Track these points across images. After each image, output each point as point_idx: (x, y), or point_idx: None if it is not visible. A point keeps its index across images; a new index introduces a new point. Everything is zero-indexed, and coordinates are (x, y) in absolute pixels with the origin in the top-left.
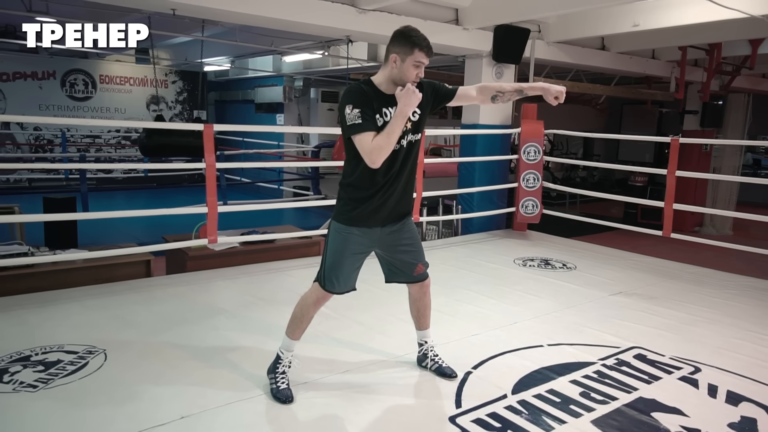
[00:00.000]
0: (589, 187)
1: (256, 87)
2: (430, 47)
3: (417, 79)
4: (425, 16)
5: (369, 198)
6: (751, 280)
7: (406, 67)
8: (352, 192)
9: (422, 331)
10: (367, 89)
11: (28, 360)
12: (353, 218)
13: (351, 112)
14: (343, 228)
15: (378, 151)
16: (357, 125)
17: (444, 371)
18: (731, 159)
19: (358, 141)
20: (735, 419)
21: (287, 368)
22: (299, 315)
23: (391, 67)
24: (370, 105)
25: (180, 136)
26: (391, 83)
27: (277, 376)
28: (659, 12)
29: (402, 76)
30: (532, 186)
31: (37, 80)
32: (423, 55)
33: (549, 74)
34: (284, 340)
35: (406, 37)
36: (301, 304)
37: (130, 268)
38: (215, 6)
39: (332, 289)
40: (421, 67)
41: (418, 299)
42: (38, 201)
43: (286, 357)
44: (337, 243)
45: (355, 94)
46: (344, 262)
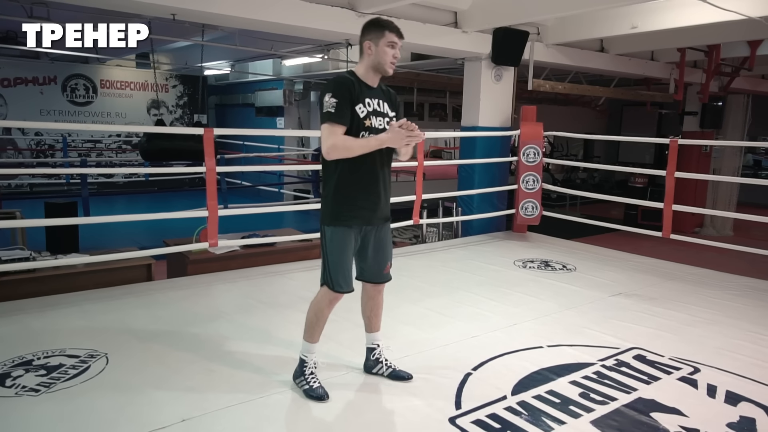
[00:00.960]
0: (589, 188)
1: (257, 91)
2: (399, 29)
3: (395, 60)
4: (424, 20)
5: (356, 194)
6: (752, 281)
7: (381, 50)
8: (339, 189)
9: (373, 334)
10: (353, 79)
11: (30, 364)
12: (345, 219)
13: (328, 101)
14: (338, 230)
15: (340, 151)
16: (330, 114)
17: (400, 374)
18: (731, 160)
19: (326, 129)
20: (734, 419)
21: (314, 368)
22: (314, 319)
23: (368, 55)
24: (350, 97)
25: (180, 140)
26: (371, 71)
27: (308, 377)
28: (658, 14)
29: (380, 60)
30: (532, 188)
31: (38, 85)
32: (394, 35)
33: (548, 76)
34: (304, 344)
35: (375, 23)
36: (314, 309)
37: (131, 272)
38: (215, 11)
39: (342, 289)
40: (396, 48)
41: (374, 297)
42: (40, 206)
43: (310, 359)
44: (336, 246)
45: (338, 84)
46: (347, 261)
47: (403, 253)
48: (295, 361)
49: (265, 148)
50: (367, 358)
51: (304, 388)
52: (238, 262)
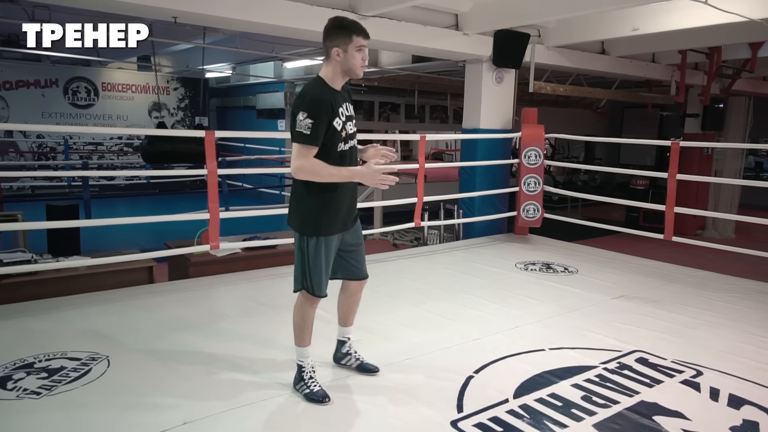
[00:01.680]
0: (591, 190)
1: (258, 93)
2: (365, 30)
3: (364, 63)
4: (425, 22)
5: (331, 200)
6: (754, 284)
7: (350, 55)
8: (315, 196)
9: (347, 328)
10: (326, 94)
11: (32, 367)
12: (324, 228)
13: (303, 120)
14: (322, 240)
15: (308, 175)
16: (303, 135)
17: (366, 367)
18: (733, 162)
19: (299, 150)
20: (737, 423)
21: (313, 373)
22: (300, 323)
23: (336, 61)
24: (327, 117)
25: (182, 142)
26: (340, 76)
27: (307, 382)
28: (659, 16)
29: (350, 65)
30: (534, 190)
31: (39, 88)
32: (362, 38)
33: (549, 78)
34: (297, 350)
35: (340, 27)
36: (298, 313)
37: (132, 274)
38: (216, 13)
39: (323, 294)
40: (364, 51)
41: (354, 294)
42: (41, 208)
43: (306, 364)
44: (321, 255)
45: (315, 103)
46: (328, 267)
47: (405, 255)
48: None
49: (266, 151)
50: (337, 350)
51: (304, 393)
52: (239, 264)
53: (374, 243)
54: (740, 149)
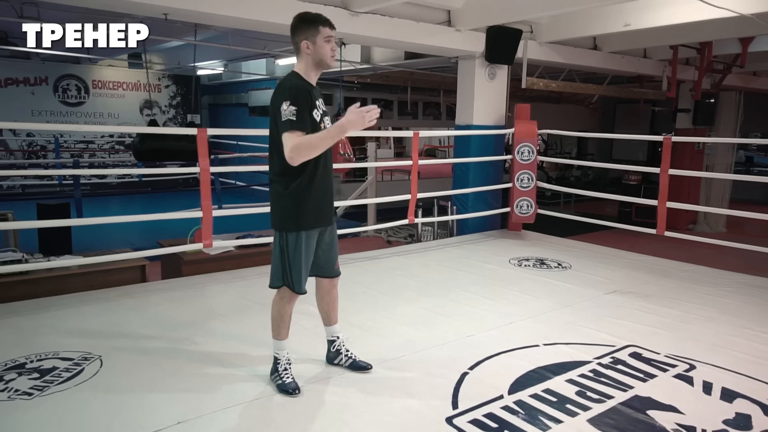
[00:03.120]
0: (584, 186)
1: (250, 90)
2: (330, 21)
3: (334, 53)
4: (417, 18)
5: (308, 194)
6: (745, 277)
7: (319, 46)
8: (292, 191)
9: (333, 327)
10: (305, 85)
11: (23, 367)
12: (303, 222)
13: (287, 109)
14: (302, 235)
15: (304, 151)
16: (292, 122)
17: (359, 365)
18: (724, 157)
19: (287, 137)
20: (730, 416)
21: (288, 365)
22: (278, 318)
23: (307, 54)
24: (308, 103)
25: (174, 140)
26: (313, 70)
27: (281, 373)
28: (650, 12)
29: (321, 57)
30: (527, 186)
31: (29, 86)
32: (328, 29)
33: (542, 74)
34: (274, 343)
35: (305, 20)
36: (276, 308)
37: (125, 273)
38: (207, 10)
39: (302, 290)
40: (332, 41)
41: (328, 292)
42: (32, 207)
43: (282, 356)
44: (300, 250)
45: (296, 91)
46: (307, 264)
47: (399, 252)
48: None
49: (258, 148)
50: (328, 350)
51: (277, 383)
52: (232, 262)
53: (368, 240)
54: (731, 144)
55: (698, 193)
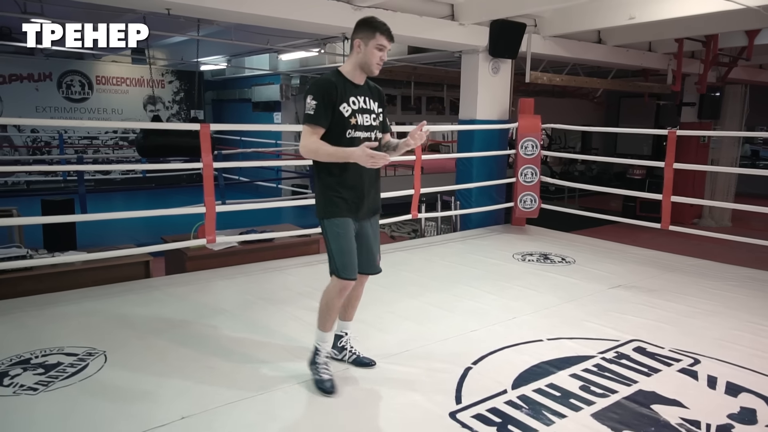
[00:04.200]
0: (588, 180)
1: (253, 86)
2: (390, 32)
3: (380, 62)
4: (421, 12)
5: (338, 184)
6: (751, 272)
7: (369, 50)
8: (323, 180)
9: (347, 322)
10: (336, 80)
11: (28, 363)
12: (334, 210)
13: (309, 103)
14: (333, 221)
15: (309, 154)
16: (309, 116)
17: (363, 361)
18: (729, 150)
19: (304, 130)
20: (734, 410)
21: (327, 358)
22: (325, 309)
23: (356, 53)
24: (330, 98)
25: (177, 136)
26: (358, 70)
27: (319, 367)
28: (655, 4)
29: (367, 60)
30: (531, 180)
31: (33, 82)
32: (384, 38)
33: (546, 68)
34: (317, 333)
35: (368, 23)
36: (325, 298)
37: (129, 269)
38: (210, 5)
39: (348, 275)
40: (384, 51)
41: (356, 287)
42: (36, 203)
43: (322, 348)
44: (335, 235)
45: (319, 86)
46: (350, 248)
47: (402, 247)
48: (295, 356)
49: (262, 144)
50: (333, 344)
51: (314, 378)
52: (236, 258)
53: None
54: (737, 138)
55: (703, 187)
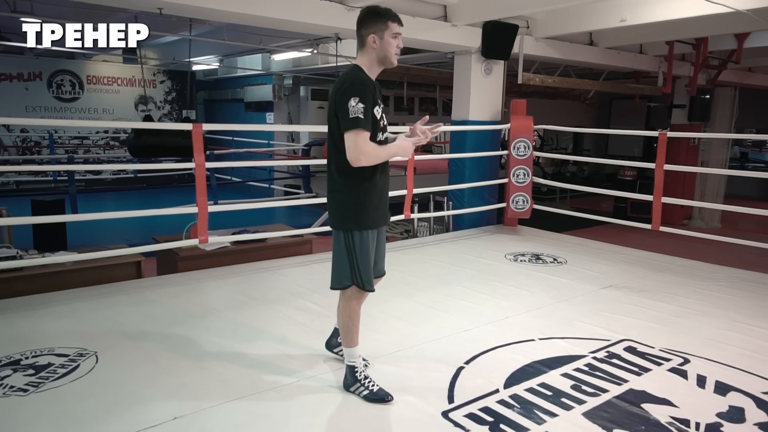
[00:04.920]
0: (579, 181)
1: (246, 86)
2: (399, 17)
3: (398, 50)
4: (414, 13)
5: (370, 192)
6: (740, 272)
7: (386, 42)
8: (354, 190)
9: None
10: (368, 79)
11: (18, 364)
12: (367, 221)
13: (356, 106)
14: (366, 234)
15: (371, 159)
16: (359, 120)
17: None
18: (719, 152)
19: (354, 136)
20: (723, 409)
21: (366, 370)
22: (349, 323)
23: (372, 49)
24: (373, 100)
25: (169, 136)
26: (376, 66)
27: (364, 382)
28: (646, 7)
29: (386, 53)
30: (523, 181)
31: (23, 81)
32: (397, 25)
33: (538, 70)
34: (346, 351)
35: (374, 13)
36: (346, 313)
37: (120, 269)
38: (203, 5)
39: (373, 287)
40: (399, 38)
41: None
42: (26, 203)
43: (359, 364)
44: (365, 248)
45: (363, 87)
46: (372, 261)
47: (395, 247)
48: (287, 357)
49: (254, 144)
50: (332, 336)
51: (363, 394)
52: (228, 258)
53: None
54: (726, 140)
55: (693, 188)
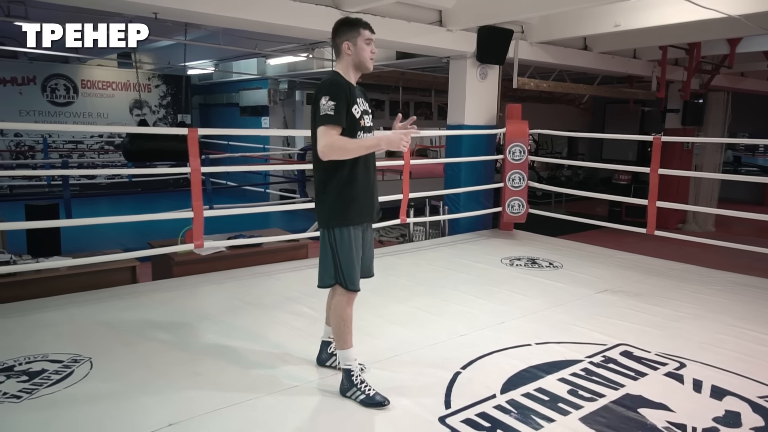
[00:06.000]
0: (574, 186)
1: (241, 90)
2: (369, 24)
3: (373, 55)
4: (409, 18)
5: (353, 189)
6: (734, 276)
7: (359, 48)
8: (342, 189)
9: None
10: (343, 82)
11: (12, 370)
12: (353, 218)
13: (326, 103)
14: (347, 230)
15: (337, 151)
16: (329, 116)
17: None
18: (712, 156)
19: (324, 131)
20: (719, 413)
21: (360, 372)
22: (341, 324)
23: (347, 55)
24: (346, 99)
25: (164, 140)
26: (352, 71)
27: (360, 386)
28: (640, 12)
29: (360, 58)
30: (518, 185)
31: (17, 86)
32: (368, 32)
33: (533, 74)
34: (340, 354)
35: (347, 23)
36: (336, 314)
37: (115, 274)
38: (198, 9)
39: (357, 287)
40: (372, 44)
41: None
42: (20, 208)
43: (354, 367)
44: (347, 245)
45: (336, 86)
46: (358, 259)
47: (390, 252)
48: (283, 362)
49: (250, 148)
50: (322, 351)
51: (360, 399)
52: (224, 263)
53: None
54: (719, 144)
55: (687, 192)
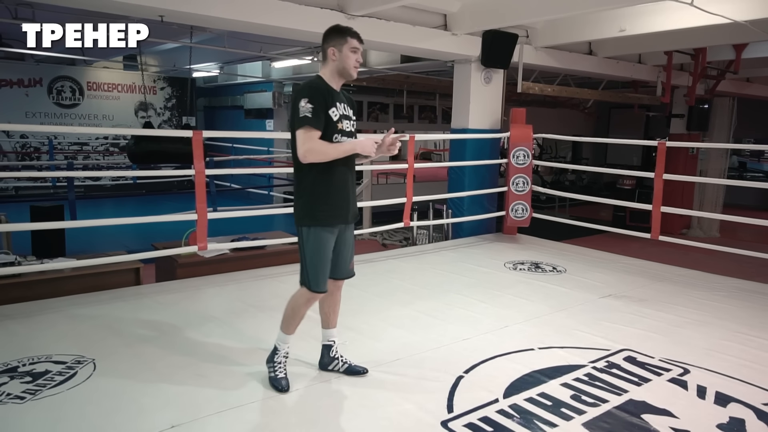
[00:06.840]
0: (578, 190)
1: (246, 93)
2: (359, 34)
3: (357, 64)
4: (414, 22)
5: (328, 189)
6: (739, 282)
7: (345, 55)
8: (315, 190)
9: (330, 330)
10: (324, 85)
11: (16, 371)
12: (322, 218)
13: (305, 105)
14: (316, 230)
15: (317, 155)
16: (307, 118)
17: (355, 369)
18: (717, 162)
19: (302, 134)
20: (724, 420)
21: (284, 359)
22: (291, 314)
23: (332, 60)
24: (324, 101)
25: (169, 142)
26: (336, 77)
27: (276, 365)
28: (645, 17)
29: (344, 65)
30: (522, 190)
31: (23, 87)
32: (356, 41)
33: (537, 79)
34: (279, 333)
35: (337, 30)
36: (292, 304)
37: (119, 276)
38: (203, 12)
39: (321, 289)
40: (358, 53)
41: (334, 293)
42: (25, 209)
43: (282, 348)
44: (314, 246)
45: (314, 89)
46: (325, 261)
47: (394, 255)
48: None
49: (254, 151)
50: (324, 355)
51: (270, 375)
52: (227, 265)
53: (363, 243)
54: (724, 149)
55: (692, 197)
